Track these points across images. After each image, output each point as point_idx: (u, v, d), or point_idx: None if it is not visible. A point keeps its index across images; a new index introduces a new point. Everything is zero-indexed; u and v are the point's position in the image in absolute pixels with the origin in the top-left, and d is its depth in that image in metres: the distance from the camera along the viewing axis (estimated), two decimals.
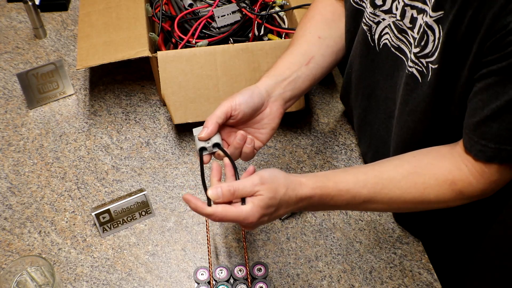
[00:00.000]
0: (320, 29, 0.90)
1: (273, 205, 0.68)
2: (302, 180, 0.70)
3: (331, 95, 1.15)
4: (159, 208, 0.95)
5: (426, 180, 0.72)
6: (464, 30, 0.64)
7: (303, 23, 0.93)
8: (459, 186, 0.71)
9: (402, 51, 0.77)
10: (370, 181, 0.72)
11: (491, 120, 0.64)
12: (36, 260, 0.79)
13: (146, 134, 1.07)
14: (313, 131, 1.08)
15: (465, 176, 0.70)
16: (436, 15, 0.67)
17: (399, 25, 0.75)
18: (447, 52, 0.67)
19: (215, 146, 0.75)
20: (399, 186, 0.72)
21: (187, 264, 0.88)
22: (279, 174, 0.69)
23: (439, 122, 0.76)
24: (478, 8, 0.61)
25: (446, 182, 0.71)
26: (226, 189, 0.66)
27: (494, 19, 0.60)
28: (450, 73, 0.69)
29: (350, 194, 0.72)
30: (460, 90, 0.70)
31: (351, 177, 0.72)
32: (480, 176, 0.70)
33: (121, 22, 1.06)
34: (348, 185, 0.71)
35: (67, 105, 1.12)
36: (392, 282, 0.87)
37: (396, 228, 0.94)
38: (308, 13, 0.94)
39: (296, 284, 0.86)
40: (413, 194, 0.72)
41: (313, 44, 0.89)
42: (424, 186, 0.72)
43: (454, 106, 0.73)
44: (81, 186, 0.98)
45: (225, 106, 0.75)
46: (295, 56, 0.86)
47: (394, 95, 0.82)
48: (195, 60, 1.00)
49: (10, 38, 1.25)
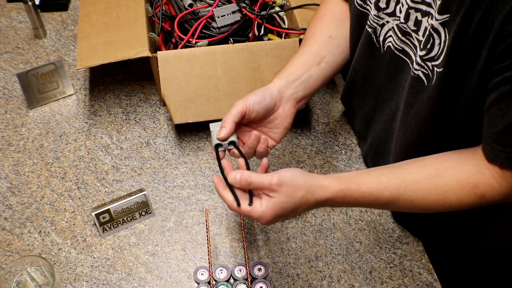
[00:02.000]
0: (330, 29, 0.91)
1: (287, 208, 0.69)
2: (324, 184, 0.71)
3: (331, 95, 1.15)
4: (159, 208, 0.95)
5: (447, 182, 0.72)
6: (472, 34, 0.63)
7: (313, 23, 0.93)
8: (481, 189, 0.71)
9: (406, 53, 0.77)
10: (392, 183, 0.72)
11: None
12: (36, 260, 0.79)
13: (146, 134, 1.07)
14: (313, 131, 1.08)
15: (487, 180, 0.70)
16: (442, 18, 0.66)
17: (403, 28, 0.75)
18: (453, 55, 0.66)
19: (231, 144, 0.77)
20: (421, 189, 0.72)
21: (187, 264, 0.88)
22: (299, 177, 0.70)
23: (443, 127, 0.76)
24: (486, 12, 0.61)
25: (468, 185, 0.71)
26: (244, 177, 0.70)
27: (504, 23, 0.59)
28: (456, 77, 0.68)
29: (373, 197, 0.72)
30: (468, 95, 0.69)
31: (374, 179, 0.72)
32: (503, 180, 0.69)
33: (121, 22, 1.06)
34: (370, 188, 0.72)
35: (67, 105, 1.12)
36: (392, 282, 0.87)
37: (396, 228, 0.94)
38: (318, 13, 0.95)
39: (296, 284, 0.86)
40: (434, 197, 0.72)
41: (324, 44, 0.90)
42: (446, 189, 0.72)
43: (460, 112, 0.72)
44: (81, 186, 0.98)
45: (240, 105, 0.77)
46: (306, 57, 0.87)
47: (397, 97, 0.82)
48: (195, 60, 1.00)
49: (10, 38, 1.25)
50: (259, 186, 0.69)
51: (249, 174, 0.69)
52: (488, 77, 0.65)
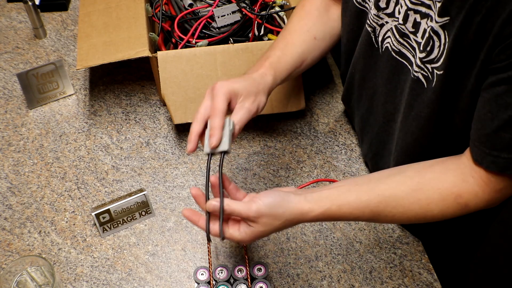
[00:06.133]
0: (316, 29, 0.91)
1: (266, 234, 0.71)
2: (303, 209, 0.71)
3: (331, 95, 1.15)
4: (159, 208, 0.95)
5: (429, 195, 0.71)
6: (472, 37, 0.63)
7: (299, 15, 0.93)
8: (465, 199, 0.70)
9: (404, 55, 0.76)
10: (372, 201, 0.72)
11: (502, 130, 0.64)
12: (36, 260, 0.79)
13: (146, 134, 1.07)
14: (313, 131, 1.08)
15: (471, 188, 0.70)
16: (442, 21, 0.66)
17: (401, 29, 0.75)
18: (453, 58, 0.66)
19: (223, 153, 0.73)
20: (402, 204, 0.72)
21: (187, 264, 0.88)
22: (278, 207, 0.70)
23: (443, 131, 0.76)
24: (486, 15, 0.60)
25: (451, 196, 0.71)
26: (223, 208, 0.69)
27: (503, 26, 0.59)
28: (455, 80, 0.68)
29: (354, 216, 0.73)
30: (466, 100, 0.69)
31: (354, 198, 0.72)
32: (486, 186, 0.69)
33: (121, 22, 1.06)
34: (351, 208, 0.72)
35: (67, 105, 1.12)
36: (392, 282, 0.87)
37: (396, 228, 0.94)
38: (305, 4, 0.94)
39: (296, 284, 0.86)
40: (416, 211, 0.72)
41: (308, 45, 0.90)
42: (428, 202, 0.71)
43: (458, 116, 0.72)
44: (81, 186, 0.98)
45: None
46: (291, 57, 0.87)
47: (394, 99, 0.82)
48: (195, 60, 1.00)
49: (10, 38, 1.25)
50: (238, 215, 0.70)
51: (227, 204, 0.69)
52: (484, 79, 0.65)
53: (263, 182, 0.99)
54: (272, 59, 0.85)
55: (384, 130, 0.88)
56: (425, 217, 0.73)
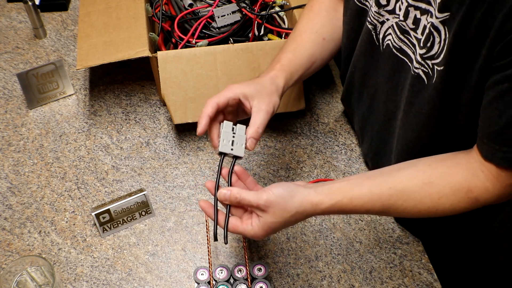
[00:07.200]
0: (326, 30, 0.92)
1: (276, 227, 0.71)
2: (314, 201, 0.71)
3: (331, 95, 1.15)
4: (159, 208, 0.95)
5: (441, 189, 0.72)
6: (472, 33, 0.63)
7: (308, 16, 0.94)
8: (475, 193, 0.70)
9: (404, 52, 0.77)
10: (384, 194, 0.72)
11: (511, 127, 0.64)
12: (36, 260, 0.79)
13: (146, 134, 1.07)
14: (313, 131, 1.08)
15: (481, 182, 0.70)
16: (442, 17, 0.66)
17: (402, 26, 0.75)
18: (454, 54, 0.66)
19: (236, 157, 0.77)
20: (413, 197, 0.72)
21: (187, 264, 0.88)
22: (288, 198, 0.70)
23: (444, 127, 0.76)
24: (487, 10, 0.60)
25: (462, 190, 0.71)
26: (234, 196, 0.71)
27: (504, 21, 0.59)
28: (456, 76, 0.68)
29: (365, 208, 0.73)
30: (468, 96, 0.69)
31: (366, 191, 0.73)
32: (497, 181, 0.69)
33: (121, 22, 1.06)
34: (362, 200, 0.72)
35: (67, 105, 1.12)
36: (392, 282, 0.87)
37: (396, 228, 0.94)
38: (313, 6, 0.95)
39: (296, 284, 0.86)
40: (427, 204, 0.72)
41: (318, 46, 0.91)
42: (439, 196, 0.72)
43: (459, 112, 0.72)
44: (81, 186, 0.98)
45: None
46: (302, 59, 0.89)
47: (395, 97, 0.82)
48: (195, 60, 1.00)
49: (10, 38, 1.25)
50: (248, 204, 0.71)
51: (238, 192, 0.70)
52: (487, 76, 0.65)
53: (263, 182, 0.99)
54: (283, 61, 0.87)
55: (385, 128, 0.88)
56: (437, 211, 0.73)
